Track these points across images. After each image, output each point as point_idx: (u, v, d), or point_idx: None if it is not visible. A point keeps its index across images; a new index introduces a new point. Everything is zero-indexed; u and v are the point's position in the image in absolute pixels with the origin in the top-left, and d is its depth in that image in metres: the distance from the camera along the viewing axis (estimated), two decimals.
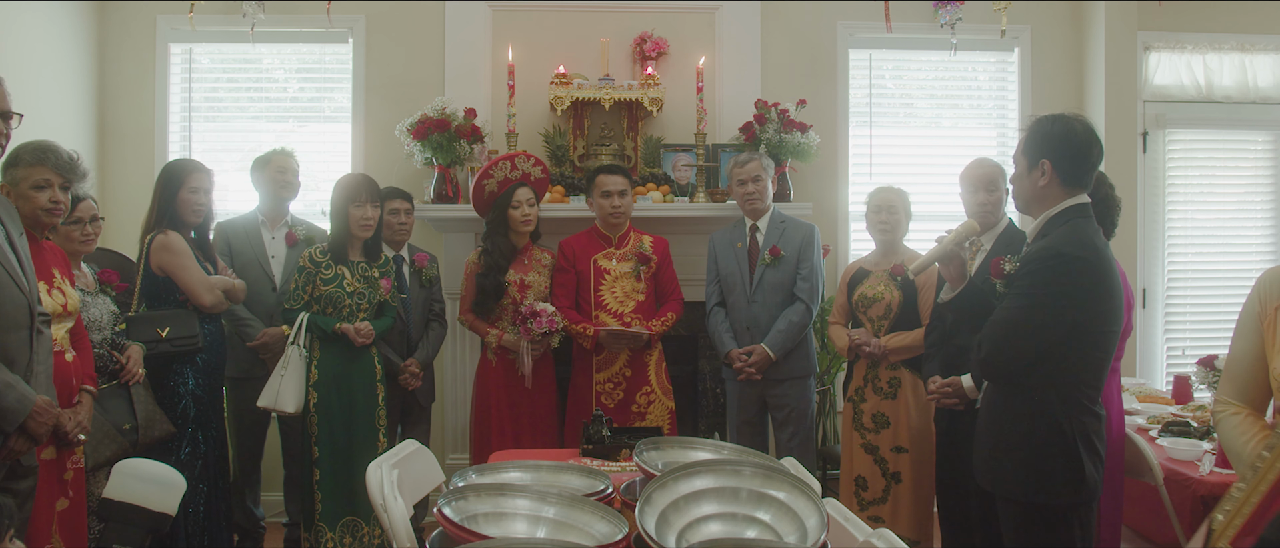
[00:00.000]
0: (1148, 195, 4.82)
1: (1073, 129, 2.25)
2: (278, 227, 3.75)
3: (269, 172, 3.71)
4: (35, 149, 2.50)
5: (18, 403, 2.17)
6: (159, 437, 3.02)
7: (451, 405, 4.40)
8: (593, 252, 3.73)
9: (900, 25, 4.62)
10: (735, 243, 3.74)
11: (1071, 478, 2.21)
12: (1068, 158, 2.24)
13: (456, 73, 4.47)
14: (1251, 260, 4.96)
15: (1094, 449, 2.23)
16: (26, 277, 2.28)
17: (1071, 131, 2.25)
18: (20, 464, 2.25)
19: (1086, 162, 2.26)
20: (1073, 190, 2.26)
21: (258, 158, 3.77)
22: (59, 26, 4.18)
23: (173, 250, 3.17)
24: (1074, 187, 2.26)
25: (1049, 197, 2.28)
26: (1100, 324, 2.22)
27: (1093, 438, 2.23)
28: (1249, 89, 4.85)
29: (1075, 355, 2.21)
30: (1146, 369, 4.84)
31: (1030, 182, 2.30)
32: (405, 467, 2.30)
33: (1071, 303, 2.17)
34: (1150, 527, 3.11)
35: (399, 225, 3.72)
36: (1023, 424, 2.25)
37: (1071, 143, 2.24)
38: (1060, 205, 2.26)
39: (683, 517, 1.68)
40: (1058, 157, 2.24)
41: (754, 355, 3.59)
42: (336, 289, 3.32)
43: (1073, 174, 2.25)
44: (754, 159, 3.70)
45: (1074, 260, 2.17)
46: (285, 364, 3.26)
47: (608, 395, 3.67)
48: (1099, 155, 2.29)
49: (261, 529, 3.81)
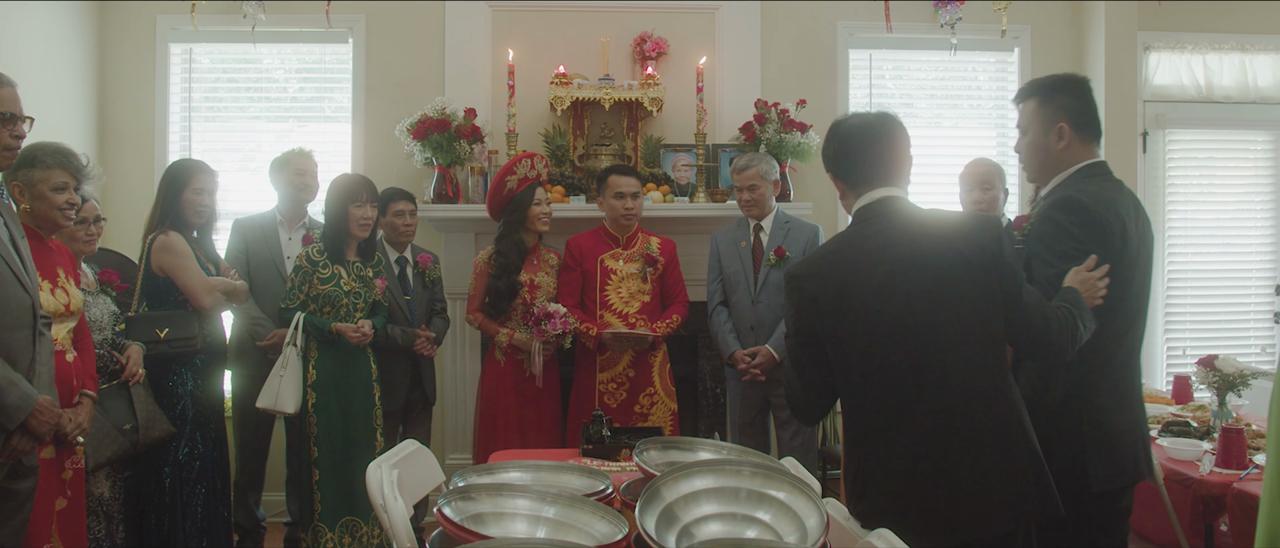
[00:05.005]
0: (1148, 195, 4.82)
1: (1079, 84, 2.24)
2: (296, 227, 3.75)
3: (288, 173, 3.71)
4: (55, 152, 2.55)
5: (20, 401, 2.17)
6: (159, 437, 3.02)
7: (452, 405, 4.40)
8: (600, 251, 3.72)
9: (900, 25, 4.62)
10: (738, 242, 3.74)
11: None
12: (1080, 114, 2.21)
13: (456, 73, 4.47)
14: (1251, 260, 4.96)
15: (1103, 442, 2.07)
16: (29, 276, 2.29)
17: (1079, 88, 2.24)
18: (21, 465, 2.25)
19: (1096, 115, 2.24)
20: (1090, 147, 2.22)
21: (275, 159, 3.77)
22: (59, 26, 4.18)
23: (173, 251, 3.16)
24: (1092, 143, 2.23)
25: (1068, 158, 2.22)
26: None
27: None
28: (1249, 89, 4.85)
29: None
30: (1147, 369, 4.84)
31: (1046, 147, 2.23)
32: (405, 467, 2.30)
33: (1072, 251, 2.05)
34: (1150, 527, 3.11)
35: (404, 226, 3.72)
36: None
37: (1081, 99, 2.22)
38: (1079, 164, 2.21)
39: (683, 517, 1.68)
40: (1073, 116, 2.20)
41: (758, 357, 3.59)
42: (334, 288, 3.32)
43: (1090, 130, 2.22)
44: (752, 166, 3.67)
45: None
46: (283, 365, 3.25)
47: (610, 396, 3.67)
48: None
49: (262, 530, 3.81)
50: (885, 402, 1.86)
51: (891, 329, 1.84)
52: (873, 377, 1.86)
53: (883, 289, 1.85)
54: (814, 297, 1.90)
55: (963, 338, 1.84)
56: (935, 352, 1.83)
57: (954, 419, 1.83)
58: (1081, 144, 2.21)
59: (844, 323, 1.87)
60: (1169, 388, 4.07)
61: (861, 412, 1.91)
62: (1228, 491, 2.64)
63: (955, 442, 1.82)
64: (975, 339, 1.84)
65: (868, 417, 1.89)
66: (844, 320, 1.87)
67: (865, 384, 1.88)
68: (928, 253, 1.86)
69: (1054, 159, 2.22)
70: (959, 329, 1.84)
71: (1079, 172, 2.20)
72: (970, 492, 1.81)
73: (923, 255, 1.85)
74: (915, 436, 1.83)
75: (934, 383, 1.83)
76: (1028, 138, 2.26)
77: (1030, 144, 2.25)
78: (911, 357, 1.84)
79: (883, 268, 1.86)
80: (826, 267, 1.93)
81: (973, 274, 1.84)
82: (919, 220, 1.92)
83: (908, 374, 1.84)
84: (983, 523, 1.81)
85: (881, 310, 1.85)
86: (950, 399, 1.83)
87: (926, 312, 1.83)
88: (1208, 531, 2.75)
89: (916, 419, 1.83)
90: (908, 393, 1.84)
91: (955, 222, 1.94)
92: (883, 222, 1.91)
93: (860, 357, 1.87)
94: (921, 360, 1.83)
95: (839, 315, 1.87)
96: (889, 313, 1.84)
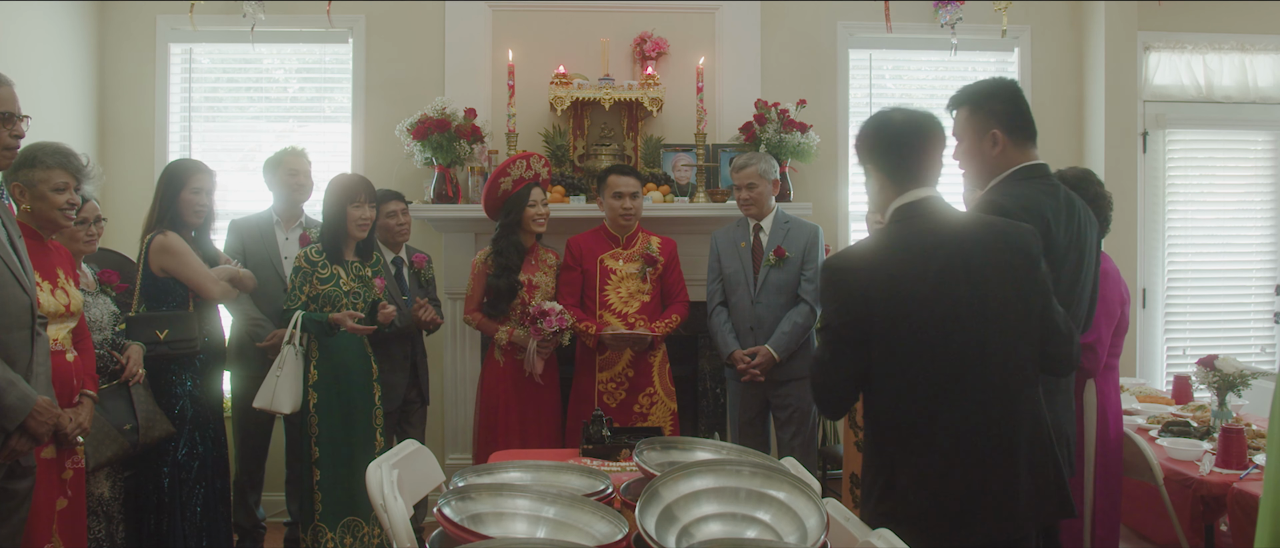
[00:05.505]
0: (1148, 195, 4.82)
1: (1010, 89, 2.21)
2: (292, 227, 3.75)
3: (281, 173, 3.70)
4: (56, 152, 2.55)
5: (19, 401, 2.17)
6: (159, 437, 3.02)
7: (452, 405, 4.40)
8: (600, 251, 3.72)
9: (900, 25, 4.62)
10: (738, 242, 3.74)
11: None
12: (1012, 119, 2.18)
13: (456, 73, 4.48)
14: (1251, 260, 4.96)
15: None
16: (27, 276, 2.29)
17: (1009, 93, 2.21)
18: (19, 465, 2.25)
19: (1028, 118, 2.20)
20: (1026, 149, 2.20)
21: (269, 158, 3.75)
22: (59, 26, 4.18)
23: (172, 251, 3.16)
24: (1027, 146, 2.20)
25: (1004, 162, 2.20)
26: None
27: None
28: (1249, 89, 4.85)
29: None
30: (1146, 369, 4.84)
31: (980, 154, 2.22)
32: (405, 467, 2.30)
33: None
34: (1150, 527, 3.11)
35: (397, 227, 3.72)
36: None
37: (1012, 104, 2.19)
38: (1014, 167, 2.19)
39: (683, 517, 1.68)
40: (1004, 121, 2.18)
41: (758, 357, 3.59)
42: (333, 288, 3.32)
43: (1024, 134, 2.19)
44: (750, 165, 3.67)
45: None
46: (281, 365, 3.24)
47: (610, 396, 3.67)
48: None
49: (262, 530, 3.81)
50: (925, 399, 1.88)
51: (941, 327, 1.87)
52: (916, 373, 1.88)
53: (935, 287, 1.88)
54: (864, 289, 1.89)
55: (1002, 341, 1.89)
56: (977, 352, 1.87)
57: (989, 419, 1.87)
58: (1016, 148, 2.21)
59: (896, 317, 1.88)
60: (1169, 388, 4.07)
61: (897, 409, 1.91)
62: (1228, 491, 2.64)
63: (990, 442, 1.87)
64: (1013, 343, 1.90)
65: (904, 413, 1.90)
66: (896, 315, 1.88)
67: (906, 380, 1.89)
68: (975, 256, 1.90)
69: (990, 164, 2.22)
70: (1000, 332, 1.89)
71: (1012, 175, 2.21)
72: (1001, 492, 1.86)
73: (971, 258, 1.90)
74: (951, 433, 1.87)
75: (973, 383, 1.87)
76: (963, 146, 2.29)
77: (965, 151, 2.29)
78: (956, 355, 1.87)
79: (934, 266, 1.88)
80: (876, 261, 1.93)
81: (1016, 281, 1.91)
82: (965, 223, 1.98)
83: (950, 372, 1.87)
84: (1012, 523, 1.87)
85: (934, 308, 1.87)
86: (987, 400, 1.87)
87: (972, 313, 1.88)
88: (1208, 531, 2.75)
89: (954, 417, 1.87)
90: (947, 391, 1.87)
91: (999, 227, 1.97)
92: (930, 221, 1.94)
93: (907, 352, 1.88)
94: (964, 360, 1.87)
95: (891, 310, 1.88)
96: (940, 311, 1.87)
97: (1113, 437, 2.75)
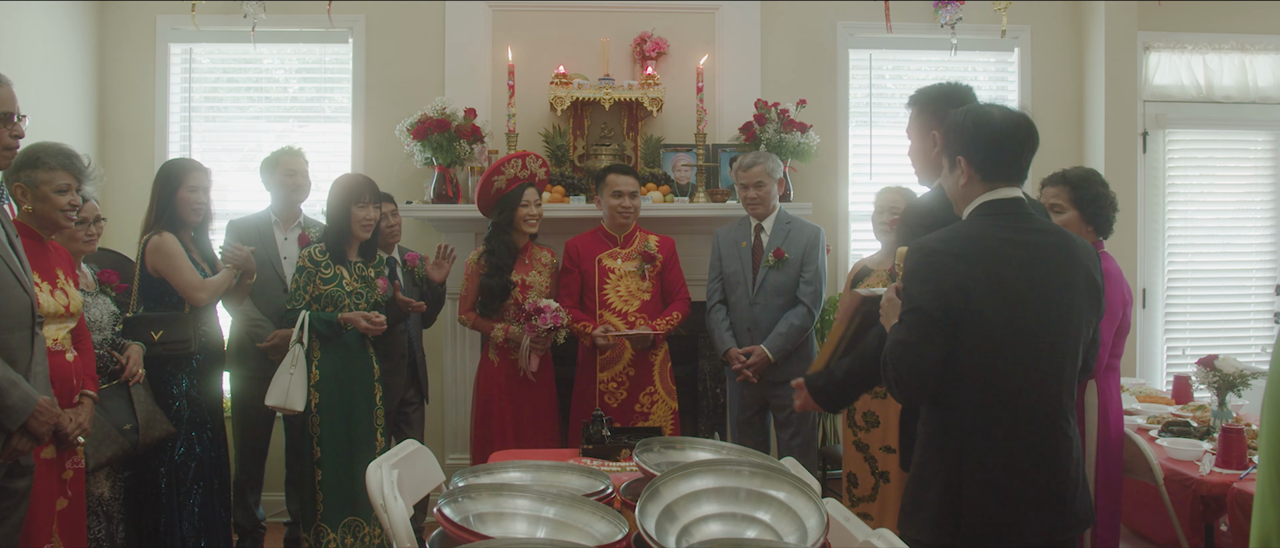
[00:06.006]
0: (1148, 195, 4.82)
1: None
2: (291, 227, 3.74)
3: (278, 173, 3.68)
4: (58, 153, 2.56)
5: (21, 401, 2.18)
6: (159, 437, 3.02)
7: (451, 405, 4.40)
8: (597, 251, 3.72)
9: (900, 25, 4.62)
10: (739, 242, 3.73)
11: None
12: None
13: (456, 73, 4.47)
14: (1251, 260, 4.96)
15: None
16: (27, 276, 2.29)
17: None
18: (18, 464, 2.26)
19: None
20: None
21: (265, 159, 3.73)
22: (59, 26, 4.18)
23: (165, 252, 3.16)
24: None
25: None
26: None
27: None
28: (1249, 89, 4.85)
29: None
30: (1146, 369, 4.84)
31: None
32: (405, 467, 2.30)
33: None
34: (1150, 527, 3.11)
35: (387, 228, 3.71)
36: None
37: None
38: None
39: (683, 517, 1.68)
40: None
41: (753, 357, 3.59)
42: (336, 289, 3.32)
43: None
44: (758, 163, 3.66)
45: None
46: (294, 364, 3.23)
47: (611, 395, 3.67)
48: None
49: (262, 530, 3.81)
50: (1002, 395, 1.91)
51: (1028, 325, 1.91)
52: (999, 368, 1.91)
53: (1028, 285, 1.92)
54: (964, 277, 1.90)
55: (1069, 347, 1.96)
56: (1049, 354, 1.94)
57: (1053, 421, 1.94)
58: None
59: (992, 308, 1.89)
60: (1169, 388, 4.07)
61: (975, 402, 1.92)
62: (1228, 491, 2.64)
63: (1051, 443, 1.93)
64: (1074, 351, 1.98)
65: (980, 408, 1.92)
66: (996, 303, 1.90)
67: (988, 375, 1.91)
68: (1063, 261, 1.96)
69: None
70: (1069, 338, 1.96)
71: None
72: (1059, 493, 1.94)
73: (1060, 262, 1.96)
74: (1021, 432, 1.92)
75: (1043, 384, 1.93)
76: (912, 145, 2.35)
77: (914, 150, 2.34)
78: (1034, 355, 1.92)
79: (1029, 265, 1.93)
80: (973, 250, 1.93)
81: (1090, 293, 2.00)
82: (1051, 229, 2.03)
83: (1027, 371, 1.92)
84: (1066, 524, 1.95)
85: (1025, 305, 1.91)
86: (1052, 402, 1.94)
87: (1055, 317, 1.94)
88: (1208, 531, 2.75)
89: (1024, 416, 1.92)
90: (1023, 390, 1.92)
91: (1075, 241, 2.04)
92: (1024, 220, 1.97)
93: (995, 345, 1.90)
94: (1039, 360, 1.93)
95: (992, 297, 1.90)
96: (1030, 309, 1.92)
97: (1114, 437, 2.75)
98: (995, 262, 1.92)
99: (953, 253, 1.93)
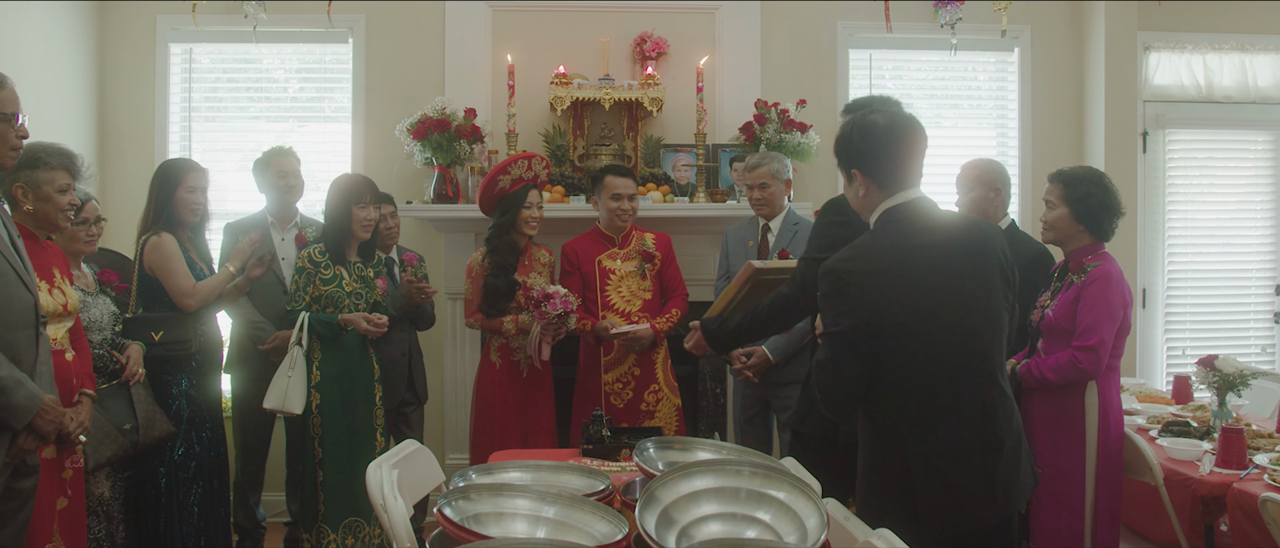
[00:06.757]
0: (1148, 195, 4.82)
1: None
2: (287, 228, 3.73)
3: (270, 174, 3.67)
4: (58, 153, 2.57)
5: (27, 400, 2.18)
6: (159, 437, 3.02)
7: (451, 406, 4.40)
8: (596, 252, 3.72)
9: (900, 25, 4.62)
10: (747, 241, 3.73)
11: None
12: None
13: (456, 73, 4.47)
14: (1251, 260, 4.96)
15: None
16: (30, 276, 2.29)
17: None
18: (24, 464, 2.26)
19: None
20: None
21: (257, 159, 3.72)
22: (59, 26, 4.18)
23: (161, 253, 3.17)
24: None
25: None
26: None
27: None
28: (1249, 89, 4.85)
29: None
30: (1146, 369, 4.84)
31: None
32: (405, 467, 2.30)
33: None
34: (1150, 527, 3.11)
35: (385, 229, 3.71)
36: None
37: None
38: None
39: (683, 517, 1.68)
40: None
41: (754, 357, 3.59)
42: (336, 289, 3.32)
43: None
44: (763, 164, 3.65)
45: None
46: (292, 366, 3.23)
47: (617, 395, 3.66)
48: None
49: (262, 530, 3.81)
50: (935, 396, 1.94)
51: (949, 326, 1.94)
52: (928, 372, 1.94)
53: (941, 288, 1.94)
54: (877, 295, 1.91)
55: (992, 334, 2.00)
56: (980, 345, 1.98)
57: (991, 408, 1.98)
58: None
59: (913, 314, 1.92)
60: (1169, 388, 4.07)
61: (907, 408, 1.95)
62: (1228, 491, 2.64)
63: (992, 429, 1.98)
64: (998, 336, 2.02)
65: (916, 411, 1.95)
66: (913, 312, 1.92)
67: (918, 380, 1.94)
68: (972, 253, 1.99)
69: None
70: (992, 325, 2.00)
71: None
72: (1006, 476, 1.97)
73: (969, 256, 1.98)
74: (961, 423, 1.95)
75: (974, 377, 1.97)
76: None
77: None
78: (961, 352, 1.95)
79: (937, 268, 1.94)
80: (881, 264, 1.94)
81: (1003, 277, 2.02)
82: (954, 223, 2.05)
83: (956, 369, 1.95)
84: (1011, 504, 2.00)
85: (943, 309, 1.93)
86: (989, 390, 1.99)
87: (975, 309, 1.97)
88: (1208, 531, 2.75)
89: (963, 407, 1.95)
90: (955, 387, 1.95)
91: (981, 227, 2.07)
92: (925, 222, 1.98)
93: (920, 352, 1.93)
94: (967, 355, 1.96)
95: (908, 307, 1.91)
96: (953, 307, 1.94)
97: (1114, 437, 2.75)
98: (907, 272, 1.93)
99: (864, 272, 1.94)
